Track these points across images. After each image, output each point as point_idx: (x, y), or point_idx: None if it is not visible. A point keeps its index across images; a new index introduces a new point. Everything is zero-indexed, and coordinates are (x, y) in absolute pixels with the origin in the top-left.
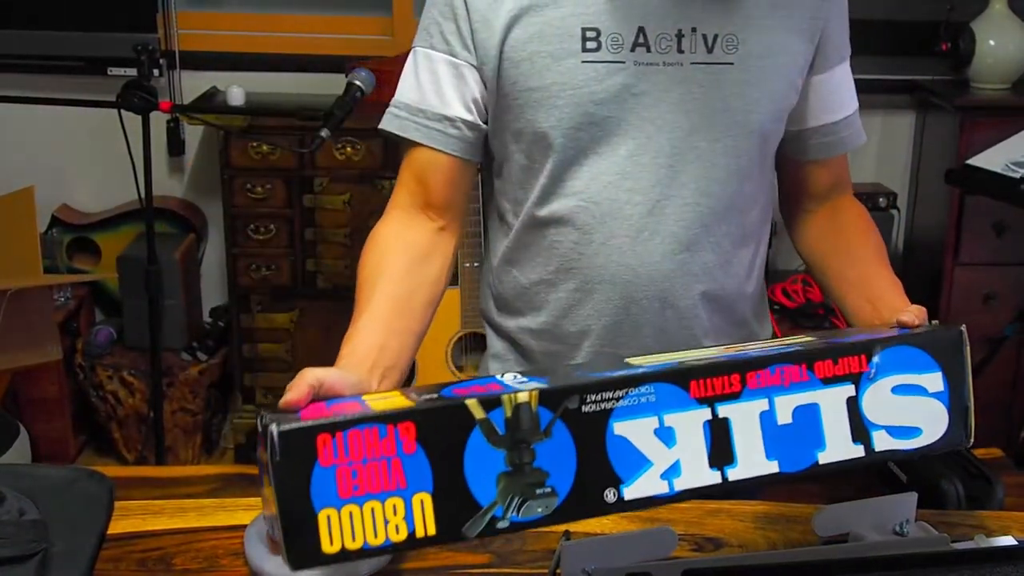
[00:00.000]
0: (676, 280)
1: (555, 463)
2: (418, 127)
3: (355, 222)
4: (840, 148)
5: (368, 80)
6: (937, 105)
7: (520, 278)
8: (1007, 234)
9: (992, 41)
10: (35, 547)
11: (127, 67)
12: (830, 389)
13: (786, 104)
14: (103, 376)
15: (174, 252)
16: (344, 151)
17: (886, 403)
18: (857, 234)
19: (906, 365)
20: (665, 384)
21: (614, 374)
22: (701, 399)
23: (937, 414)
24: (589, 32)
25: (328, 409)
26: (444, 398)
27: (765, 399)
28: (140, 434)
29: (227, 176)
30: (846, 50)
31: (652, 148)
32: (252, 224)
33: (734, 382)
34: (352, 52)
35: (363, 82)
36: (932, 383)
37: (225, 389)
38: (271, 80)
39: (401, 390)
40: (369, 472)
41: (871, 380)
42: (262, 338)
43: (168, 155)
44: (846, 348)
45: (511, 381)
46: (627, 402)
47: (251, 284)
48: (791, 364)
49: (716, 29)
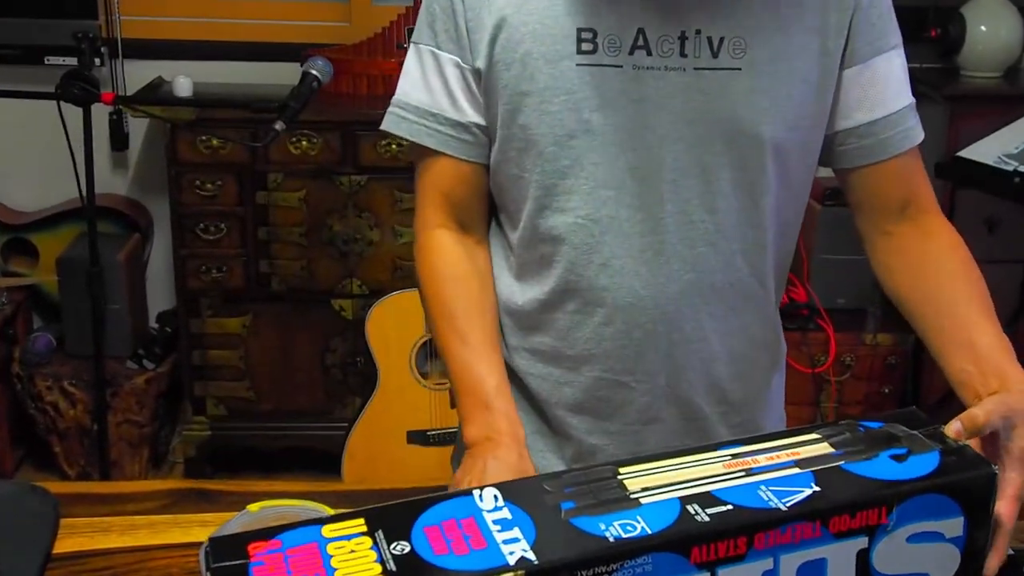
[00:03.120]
0: (683, 303)
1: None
2: (431, 132)
3: (311, 220)
4: (882, 152)
5: (325, 69)
6: (925, 95)
7: (518, 296)
8: (1000, 230)
9: (983, 27)
10: None
11: (66, 56)
12: (842, 543)
13: (804, 111)
14: (42, 386)
15: (118, 253)
16: (300, 145)
17: (899, 553)
18: (954, 281)
19: (928, 512)
20: (664, 553)
21: (607, 530)
22: (701, 564)
23: (949, 558)
24: (585, 33)
25: (283, 560)
26: (418, 562)
27: (771, 559)
28: (83, 447)
29: (174, 172)
30: (886, 40)
31: (654, 161)
32: (201, 223)
33: (740, 545)
34: (308, 40)
35: (320, 71)
36: (952, 529)
37: (174, 399)
38: (221, 69)
39: (365, 516)
40: None
41: (887, 532)
42: (213, 344)
43: (111, 150)
44: (866, 500)
45: (490, 512)
46: (622, 574)
47: (201, 287)
48: (805, 522)
49: (722, 32)
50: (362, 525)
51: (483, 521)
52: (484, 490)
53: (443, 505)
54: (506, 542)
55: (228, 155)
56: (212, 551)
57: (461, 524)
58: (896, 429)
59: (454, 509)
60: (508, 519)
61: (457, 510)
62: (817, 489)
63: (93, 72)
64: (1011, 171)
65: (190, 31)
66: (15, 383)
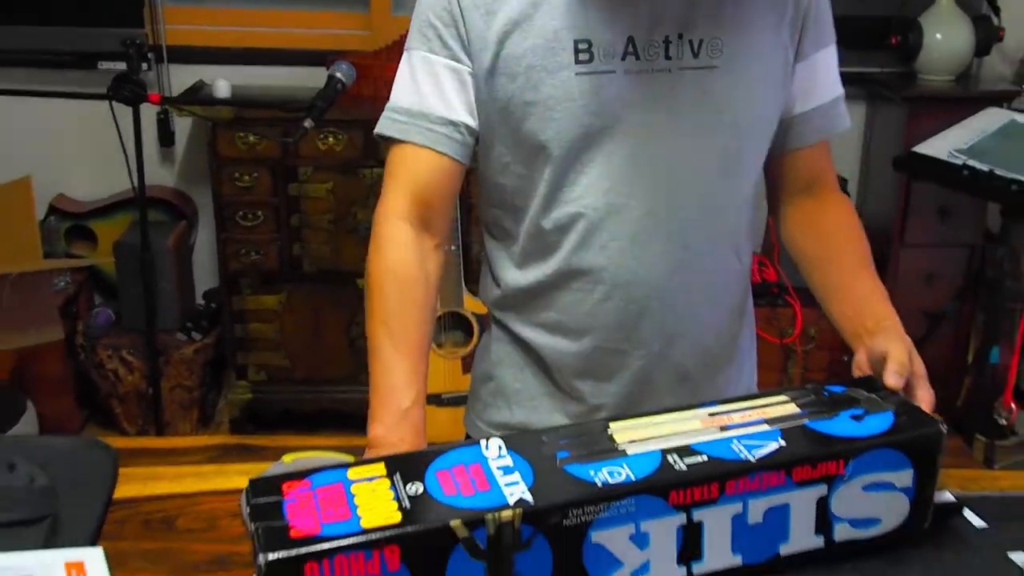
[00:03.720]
0: (675, 279)
1: (532, 570)
2: (420, 130)
3: (338, 209)
4: (812, 137)
5: (349, 73)
6: (886, 96)
7: (522, 280)
8: (950, 218)
9: (939, 35)
10: (45, 511)
11: (116, 61)
12: (804, 490)
13: (771, 101)
14: (103, 355)
15: (167, 239)
16: (327, 141)
17: (854, 499)
18: (841, 240)
19: (882, 465)
20: (646, 496)
21: (596, 476)
22: (679, 506)
23: (900, 506)
24: (581, 44)
25: (313, 497)
26: (431, 503)
27: (740, 503)
28: (140, 409)
29: (215, 166)
30: (827, 36)
31: (647, 153)
32: (240, 211)
33: (713, 490)
34: (332, 47)
35: (344, 75)
36: (902, 479)
37: (219, 366)
38: (256, 73)
39: (385, 462)
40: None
41: (844, 481)
42: (252, 319)
43: (159, 146)
44: (826, 453)
45: (494, 460)
46: (608, 514)
47: (241, 268)
48: (771, 471)
49: (701, 34)
50: (382, 469)
51: (488, 467)
52: (490, 440)
53: (453, 453)
54: (507, 485)
55: (263, 150)
56: (251, 490)
57: (469, 469)
58: (856, 393)
59: (463, 456)
60: (510, 466)
61: (465, 457)
62: (783, 444)
63: (141, 76)
64: (960, 165)
65: (228, 39)
66: (79, 353)
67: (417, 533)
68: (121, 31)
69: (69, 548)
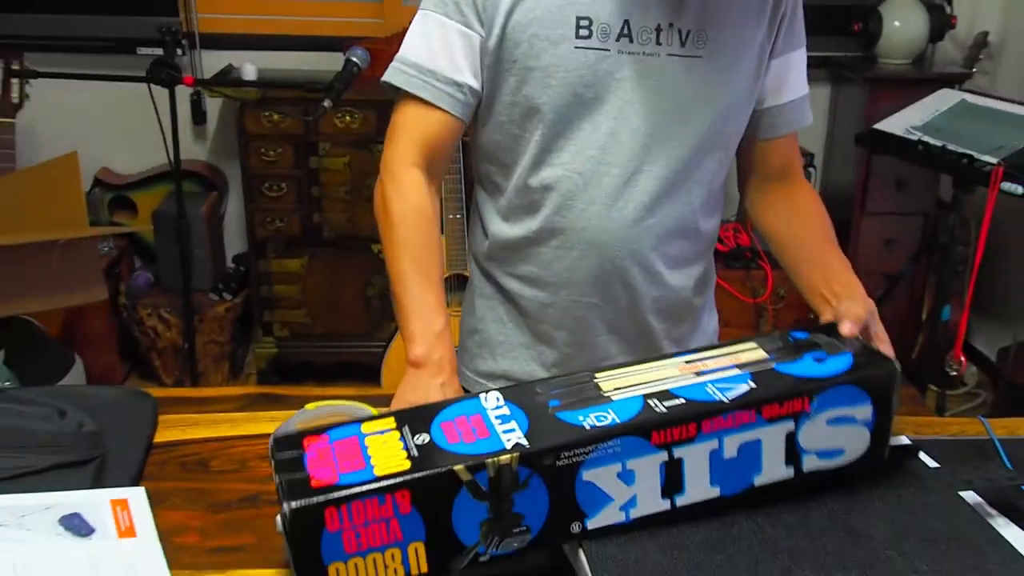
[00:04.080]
0: (643, 241)
1: (530, 507)
2: (426, 86)
3: (354, 181)
4: (782, 129)
5: (364, 57)
6: (849, 78)
7: (508, 233)
8: (906, 188)
9: (897, 22)
10: (93, 453)
11: (153, 47)
12: (773, 427)
13: (750, 89)
14: (143, 314)
15: (200, 208)
16: (344, 119)
17: (820, 433)
18: (810, 219)
19: (843, 400)
20: (630, 437)
21: (584, 420)
22: (660, 445)
23: (861, 438)
24: (582, 20)
25: (331, 451)
26: (436, 451)
27: (716, 440)
28: (176, 362)
29: (243, 142)
30: (800, 39)
31: (629, 127)
32: (266, 183)
33: (691, 429)
34: (348, 33)
35: (359, 59)
36: (862, 413)
37: (247, 323)
38: (279, 57)
39: (395, 416)
40: (371, 532)
41: (810, 417)
42: (277, 280)
43: (192, 124)
44: (792, 393)
45: (493, 410)
46: (596, 454)
47: (266, 235)
48: (743, 410)
49: (690, 26)
50: (392, 423)
51: (487, 417)
52: (489, 393)
53: (455, 406)
54: (505, 432)
55: (287, 128)
56: (275, 446)
57: (470, 419)
58: (817, 338)
59: (464, 408)
60: (507, 415)
61: (467, 409)
62: (753, 385)
63: (176, 60)
64: (916, 140)
65: (254, 26)
66: (122, 312)
67: (425, 478)
68: (158, 19)
69: (114, 487)
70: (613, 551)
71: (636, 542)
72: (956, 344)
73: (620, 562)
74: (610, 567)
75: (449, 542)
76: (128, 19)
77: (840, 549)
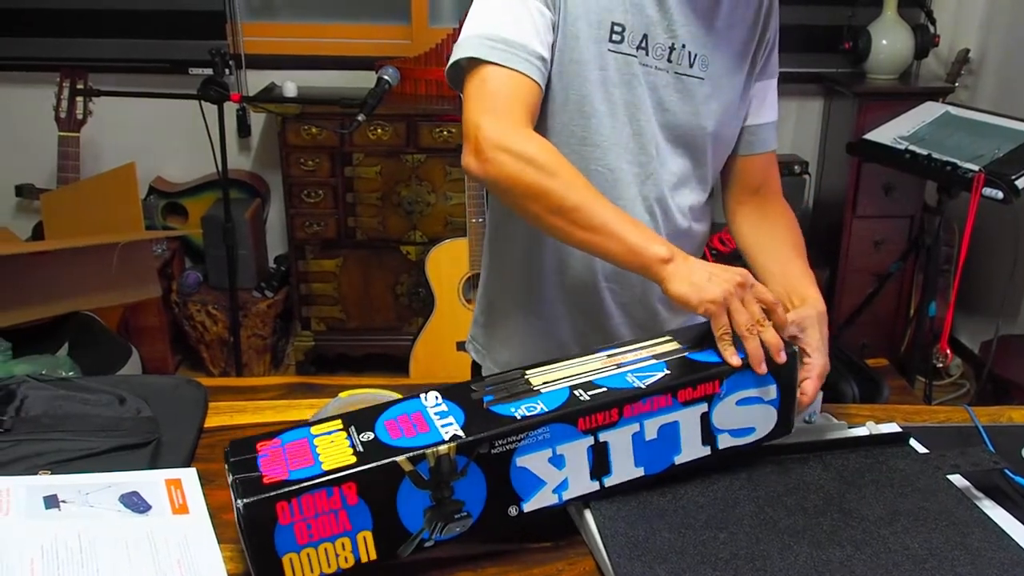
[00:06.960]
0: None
1: (469, 494)
2: (521, 60)
3: (385, 188)
4: (758, 147)
5: (394, 75)
6: (840, 92)
7: (516, 232)
8: (894, 193)
9: (884, 41)
10: (150, 436)
11: (204, 67)
12: (688, 409)
13: (735, 112)
14: (192, 309)
15: (245, 213)
16: (376, 132)
17: (731, 413)
18: (780, 233)
19: (750, 383)
20: (558, 424)
21: (516, 411)
22: (586, 430)
23: (769, 415)
24: (617, 26)
25: (282, 452)
26: (380, 446)
27: (637, 424)
28: (223, 354)
29: (284, 153)
30: (775, 69)
31: (646, 131)
32: (305, 190)
33: (613, 415)
34: (380, 53)
35: (390, 76)
36: (768, 393)
37: (287, 319)
38: (317, 76)
39: (342, 418)
40: (321, 523)
41: (721, 399)
42: (314, 279)
43: (238, 136)
44: (703, 377)
45: (432, 407)
46: (528, 441)
47: (305, 237)
48: (659, 395)
49: (697, 50)
50: (339, 424)
51: (427, 414)
52: (429, 393)
53: (398, 406)
54: (444, 426)
55: (324, 140)
56: (230, 450)
57: (411, 417)
58: None
59: (406, 408)
60: (445, 411)
61: (408, 408)
62: (668, 372)
63: (224, 79)
64: (903, 149)
65: (294, 48)
66: (173, 307)
67: (369, 470)
68: (208, 43)
69: (169, 468)
70: (624, 529)
71: (647, 521)
72: (942, 338)
73: (631, 538)
74: (622, 543)
75: (395, 530)
76: (181, 43)
77: (835, 528)
